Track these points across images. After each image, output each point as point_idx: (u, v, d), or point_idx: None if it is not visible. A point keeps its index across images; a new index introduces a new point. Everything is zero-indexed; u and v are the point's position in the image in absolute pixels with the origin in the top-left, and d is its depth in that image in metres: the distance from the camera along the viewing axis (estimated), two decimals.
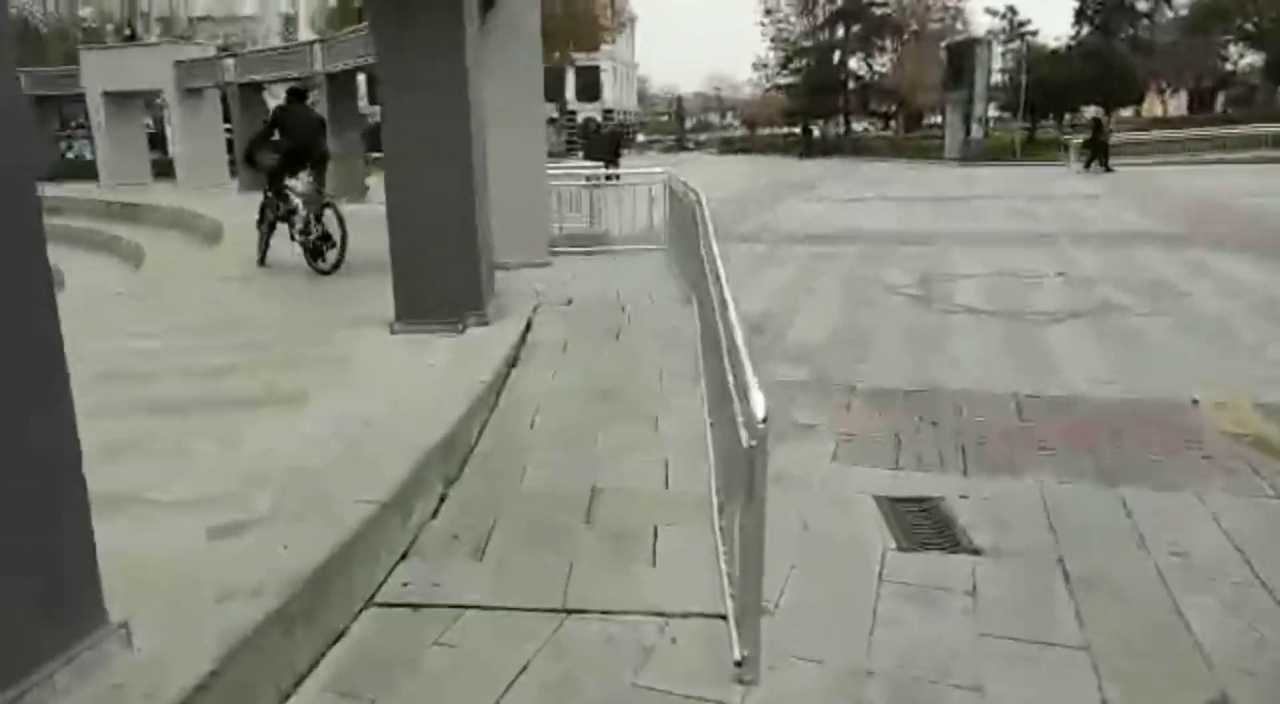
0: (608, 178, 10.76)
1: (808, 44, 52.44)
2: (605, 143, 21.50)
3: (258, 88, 20.27)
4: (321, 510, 3.13)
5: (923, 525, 3.86)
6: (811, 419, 5.11)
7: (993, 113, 41.07)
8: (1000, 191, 19.78)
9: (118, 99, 23.32)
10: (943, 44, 43.32)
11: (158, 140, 28.33)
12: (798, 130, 54.90)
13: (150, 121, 26.23)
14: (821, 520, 3.78)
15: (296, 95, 9.29)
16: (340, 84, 17.56)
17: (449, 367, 5.21)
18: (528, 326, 6.39)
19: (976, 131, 35.83)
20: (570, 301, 7.42)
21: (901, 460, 4.55)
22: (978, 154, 34.89)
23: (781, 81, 55.48)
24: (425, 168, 5.86)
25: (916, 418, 5.18)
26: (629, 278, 8.66)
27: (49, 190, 22.39)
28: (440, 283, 6.01)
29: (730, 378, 3.14)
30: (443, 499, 3.83)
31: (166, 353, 5.98)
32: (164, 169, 24.51)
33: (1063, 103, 41.06)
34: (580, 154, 37.33)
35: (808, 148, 47.43)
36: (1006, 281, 9.10)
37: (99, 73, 23.12)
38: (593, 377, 5.52)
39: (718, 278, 4.38)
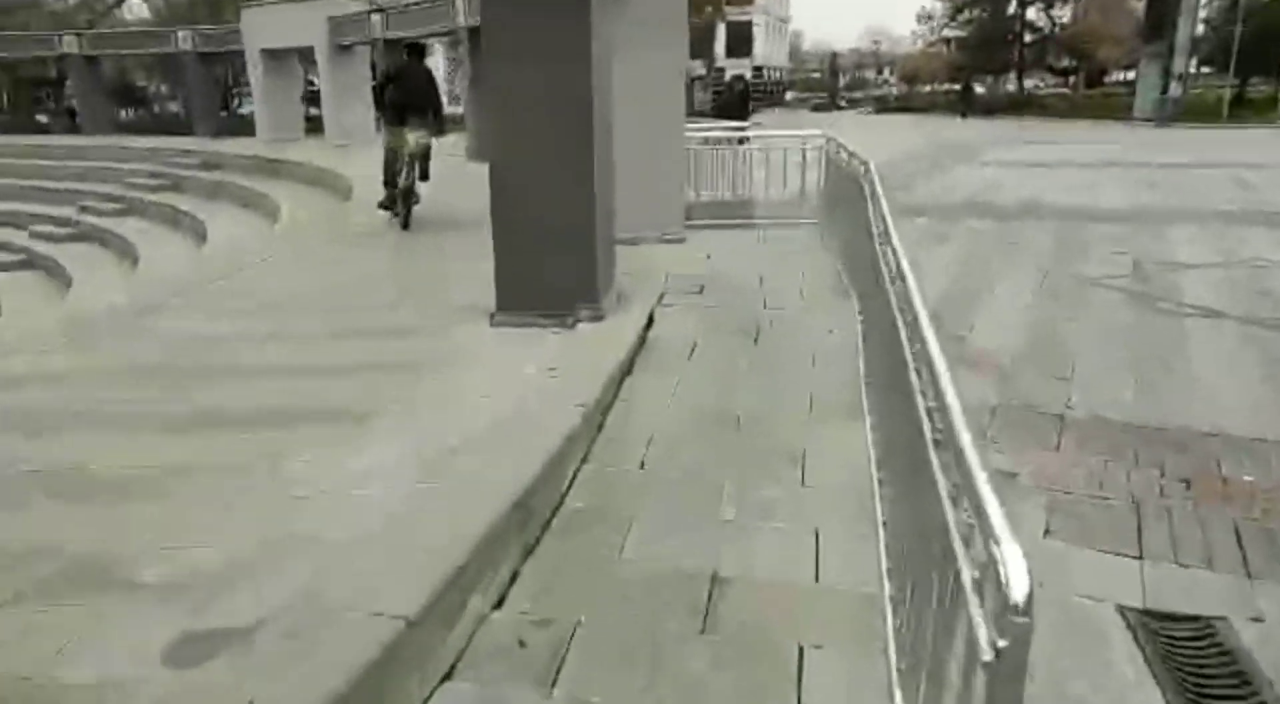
0: (741, 141, 9.48)
1: None
2: (735, 100, 20.01)
3: (407, 44, 19.99)
4: (332, 623, 2.24)
5: (1201, 665, 2.62)
6: (1009, 463, 3.88)
7: (1194, 68, 36.46)
8: (1214, 159, 17.05)
9: (274, 55, 23.66)
10: None
11: (317, 97, 28.86)
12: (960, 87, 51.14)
13: (313, 78, 26.56)
14: (1046, 647, 2.59)
15: (414, 51, 9.66)
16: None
17: (549, 377, 4.26)
18: (649, 321, 5.37)
19: (1174, 89, 31.85)
20: (702, 289, 6.31)
21: (1148, 544, 3.27)
22: (1175, 114, 31.04)
23: (949, 34, 51.59)
24: (535, 137, 4.88)
25: (1157, 471, 3.84)
26: (774, 259, 7.46)
27: (213, 146, 23.14)
28: (550, 270, 5.05)
29: (933, 461, 2.02)
30: (514, 579, 2.89)
31: (233, 342, 5.35)
32: (317, 124, 24.89)
33: None
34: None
35: (969, 106, 43.88)
36: (1251, 275, 7.33)
37: (257, 30, 23.50)
38: (723, 395, 4.43)
39: (900, 275, 3.20)
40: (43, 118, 32.76)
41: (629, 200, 7.24)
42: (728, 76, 56.20)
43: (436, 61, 21.76)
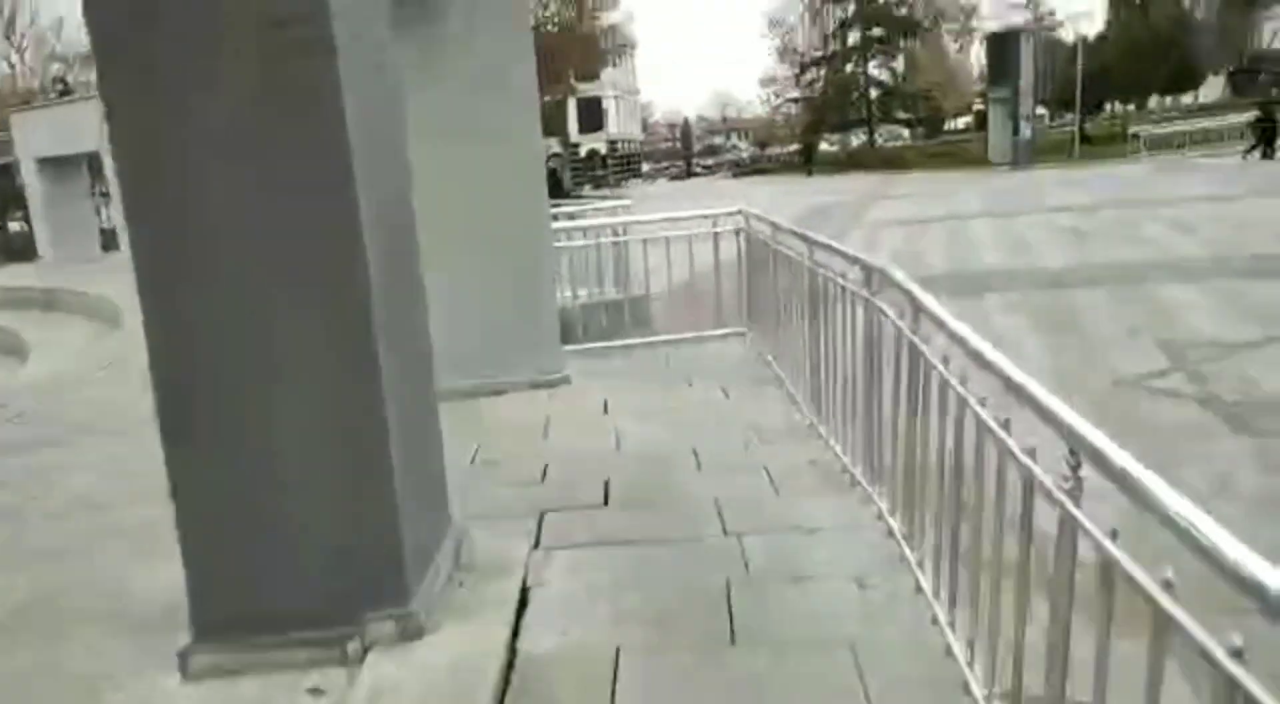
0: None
1: (819, 54, 49.07)
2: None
3: None
4: None
5: None
6: None
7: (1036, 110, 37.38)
8: (1119, 196, 15.97)
9: (55, 164, 20.13)
10: (982, 36, 39.61)
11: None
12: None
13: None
14: None
15: None
16: None
17: None
18: (521, 605, 2.76)
19: (1025, 130, 32.15)
20: (607, 492, 3.71)
21: None
22: (1028, 156, 31.21)
23: (795, 95, 52.15)
24: (251, 301, 2.33)
25: None
26: (701, 402, 4.97)
27: None
28: (303, 554, 2.43)
29: None
30: None
31: None
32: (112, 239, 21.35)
33: (1112, 93, 37.44)
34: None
35: (812, 164, 43.94)
36: None
37: (31, 136, 19.97)
38: None
39: None
40: None
41: (483, 332, 4.79)
42: (583, 152, 55.10)
43: None
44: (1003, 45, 33.75)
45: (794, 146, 56.40)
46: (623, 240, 7.43)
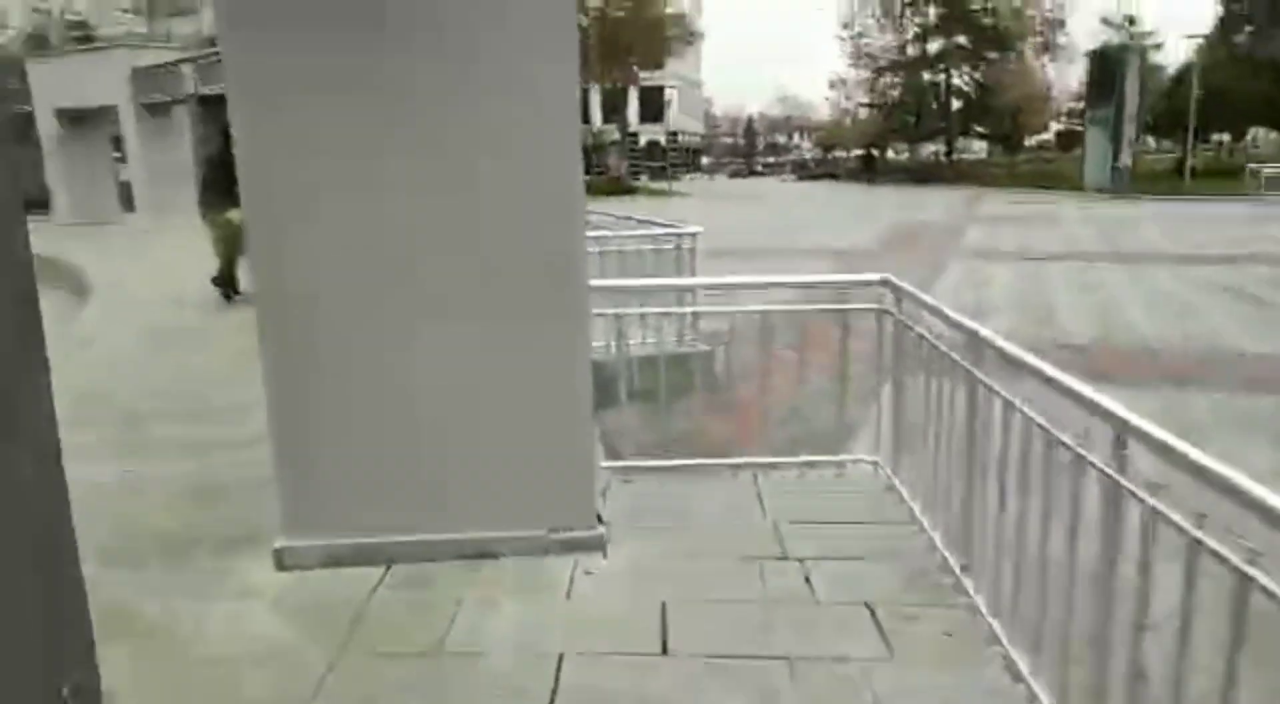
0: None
1: (897, 59, 46.36)
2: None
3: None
4: None
5: None
6: None
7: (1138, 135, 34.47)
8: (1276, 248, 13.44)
9: (73, 118, 18.59)
10: (1085, 52, 36.64)
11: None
12: (876, 152, 49.06)
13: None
14: None
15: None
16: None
17: None
18: None
19: (1125, 156, 29.43)
20: None
21: None
22: (1126, 183, 28.51)
23: (866, 100, 49.54)
24: None
25: None
26: (833, 621, 2.85)
27: None
28: None
29: None
30: None
31: None
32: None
33: (1216, 122, 34.42)
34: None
35: (872, 172, 41.77)
36: None
37: (49, 86, 18.44)
38: None
39: None
40: None
41: (473, 443, 2.94)
42: (643, 141, 52.93)
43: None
44: (1105, 64, 31.00)
45: (858, 151, 53.84)
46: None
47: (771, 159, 72.30)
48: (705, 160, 68.44)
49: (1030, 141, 53.62)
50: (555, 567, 2.99)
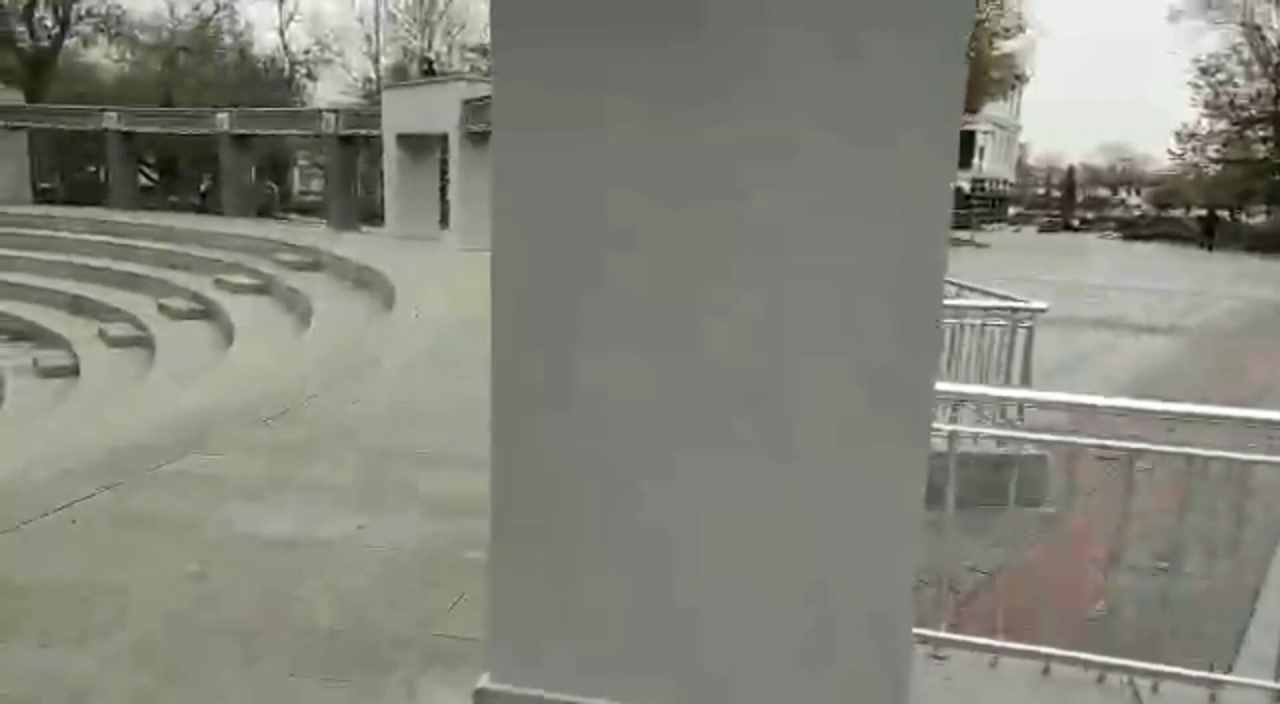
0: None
1: (1271, 109, 39.88)
2: None
3: None
4: None
5: None
6: None
7: None
8: None
9: (411, 142, 20.47)
10: None
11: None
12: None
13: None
14: None
15: None
16: None
17: None
18: None
19: None
20: None
21: None
22: None
23: (1219, 155, 43.16)
24: None
25: None
26: None
27: (332, 241, 19.98)
28: None
29: None
30: None
31: None
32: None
33: None
34: None
35: (1211, 237, 36.06)
36: None
37: (396, 112, 20.44)
38: None
39: None
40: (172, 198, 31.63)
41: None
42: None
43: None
44: None
45: (1199, 211, 46.82)
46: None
47: (1091, 214, 65.40)
48: (1013, 211, 63.41)
49: None
50: None
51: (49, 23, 32.81)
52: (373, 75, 36.71)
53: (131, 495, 4.53)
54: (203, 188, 30.78)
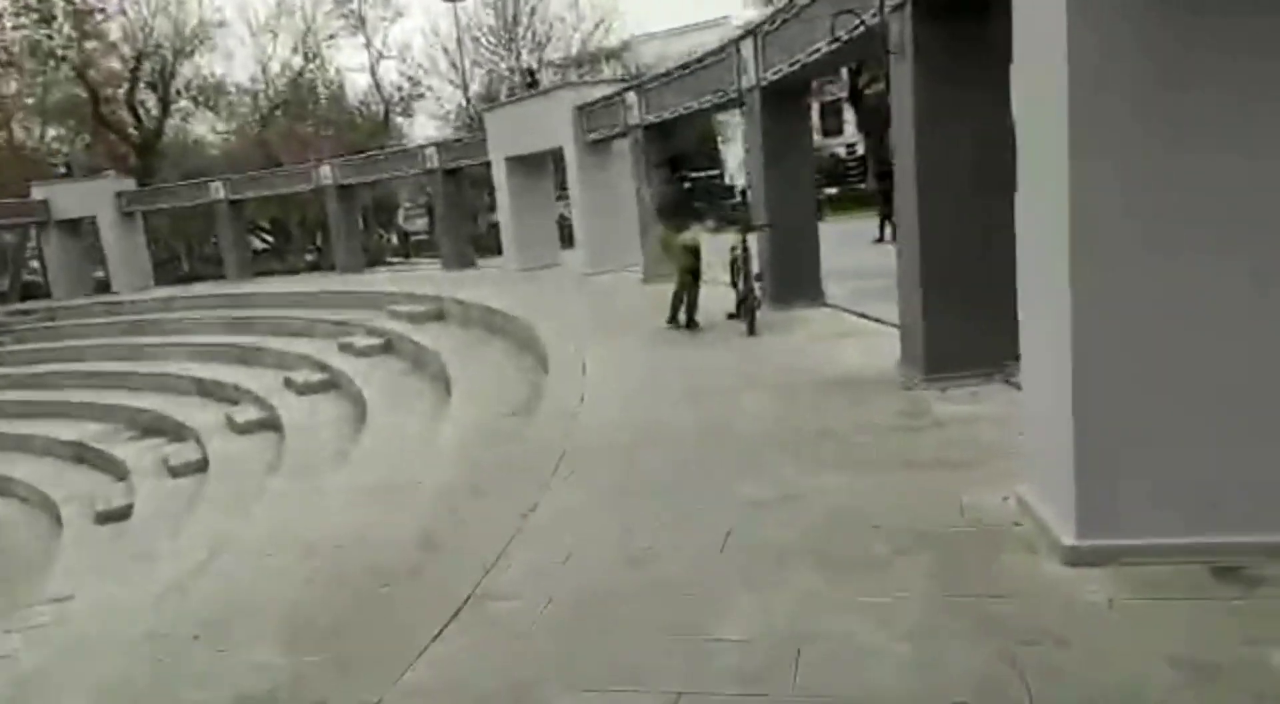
0: None
1: None
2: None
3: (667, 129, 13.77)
4: None
5: None
6: None
7: None
8: None
9: (522, 163, 18.68)
10: None
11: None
12: None
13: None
14: None
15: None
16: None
17: None
18: None
19: None
20: None
21: None
22: None
23: None
24: None
25: None
26: None
27: (449, 282, 18.48)
28: None
29: None
30: None
31: None
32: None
33: None
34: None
35: None
36: None
37: (501, 134, 18.70)
38: None
39: None
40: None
41: None
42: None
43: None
44: None
45: None
46: None
47: None
48: None
49: None
50: None
51: (150, 104, 32.92)
52: (464, 101, 35.54)
53: None
54: (315, 244, 30.13)
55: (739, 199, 31.70)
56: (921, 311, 5.77)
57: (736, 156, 56.35)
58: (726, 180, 44.93)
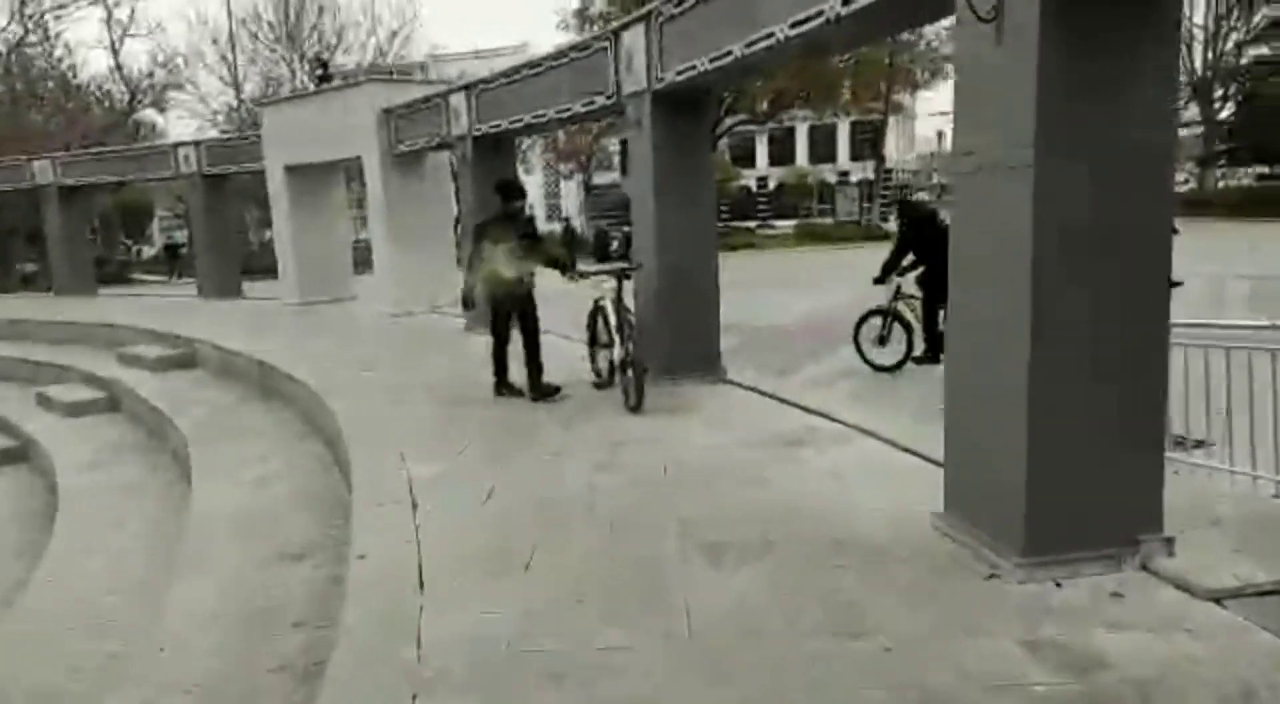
0: None
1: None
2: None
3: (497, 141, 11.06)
4: None
5: None
6: None
7: None
8: None
9: (301, 174, 15.22)
10: None
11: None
12: None
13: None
14: None
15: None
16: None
17: None
18: None
19: None
20: None
21: None
22: None
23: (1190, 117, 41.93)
24: None
25: None
26: None
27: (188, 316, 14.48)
28: None
29: None
30: None
31: None
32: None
33: None
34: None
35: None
36: None
37: (278, 138, 15.16)
38: None
39: None
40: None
41: None
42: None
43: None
44: None
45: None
46: None
47: None
48: None
49: None
50: None
51: None
52: (234, 102, 30.83)
53: None
54: (34, 256, 24.45)
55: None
56: (1027, 453, 3.44)
57: (537, 185, 53.92)
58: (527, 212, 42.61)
